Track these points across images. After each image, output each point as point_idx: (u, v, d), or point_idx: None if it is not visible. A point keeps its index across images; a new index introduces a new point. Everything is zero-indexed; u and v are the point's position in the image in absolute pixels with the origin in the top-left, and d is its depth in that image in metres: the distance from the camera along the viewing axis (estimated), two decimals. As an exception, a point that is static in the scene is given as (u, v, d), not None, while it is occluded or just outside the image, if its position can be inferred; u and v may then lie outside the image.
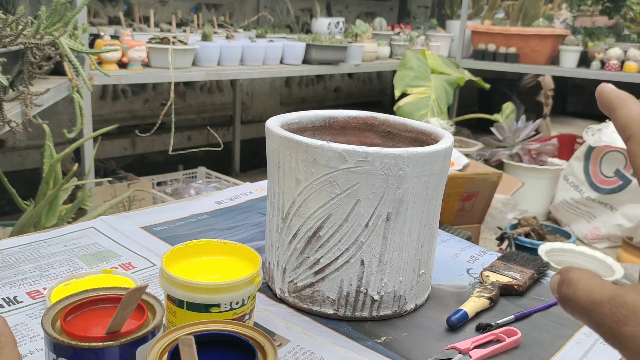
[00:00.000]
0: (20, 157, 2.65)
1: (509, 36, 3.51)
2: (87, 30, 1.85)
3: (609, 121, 2.72)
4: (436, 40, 3.70)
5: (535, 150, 2.98)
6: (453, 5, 4.11)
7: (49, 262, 0.67)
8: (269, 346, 0.40)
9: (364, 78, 4.47)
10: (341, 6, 4.12)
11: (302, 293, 0.61)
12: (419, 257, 0.61)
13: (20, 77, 1.29)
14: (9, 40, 1.15)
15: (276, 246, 0.63)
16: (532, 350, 0.57)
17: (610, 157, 2.68)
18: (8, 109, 1.17)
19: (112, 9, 2.92)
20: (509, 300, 0.67)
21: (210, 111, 3.50)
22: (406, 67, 3.10)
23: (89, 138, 1.77)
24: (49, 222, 1.50)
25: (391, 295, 0.60)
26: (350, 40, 3.01)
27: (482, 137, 3.53)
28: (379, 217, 0.57)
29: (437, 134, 0.65)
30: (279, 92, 3.87)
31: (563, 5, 3.77)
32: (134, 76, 2.11)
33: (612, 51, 3.26)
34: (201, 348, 0.37)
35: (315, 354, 0.53)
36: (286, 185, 0.60)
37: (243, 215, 0.86)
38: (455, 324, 0.59)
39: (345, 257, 0.58)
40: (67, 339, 0.39)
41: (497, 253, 0.78)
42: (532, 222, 2.32)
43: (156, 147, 3.14)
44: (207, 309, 0.48)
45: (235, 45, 2.46)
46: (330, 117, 0.72)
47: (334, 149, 0.55)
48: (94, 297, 0.45)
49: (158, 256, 0.70)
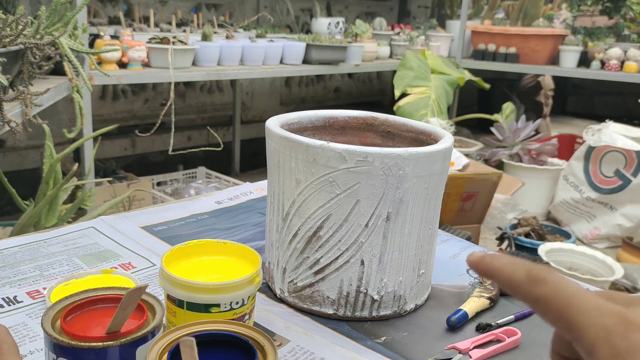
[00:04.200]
0: (20, 157, 2.65)
1: (509, 36, 3.51)
2: (87, 30, 1.85)
3: (609, 121, 2.72)
4: (436, 40, 3.70)
5: (535, 150, 2.98)
6: (453, 5, 4.11)
7: (49, 262, 0.67)
8: (269, 346, 0.40)
9: (364, 78, 4.47)
10: (341, 6, 4.12)
11: (302, 293, 0.61)
12: (419, 257, 0.61)
13: (20, 77, 1.29)
14: (9, 40, 1.15)
15: (276, 246, 0.63)
16: (532, 350, 0.57)
17: (610, 157, 2.68)
18: (8, 109, 1.17)
19: (112, 9, 2.92)
20: (509, 300, 0.67)
21: (210, 111, 3.50)
22: (406, 67, 3.10)
23: (89, 138, 1.77)
24: (49, 222, 1.50)
25: (391, 295, 0.60)
26: (350, 40, 3.01)
27: (482, 137, 3.53)
28: (379, 217, 0.57)
29: (437, 134, 0.65)
30: (279, 92, 3.87)
31: (563, 5, 3.77)
32: (134, 76, 2.11)
33: (612, 51, 3.26)
34: (201, 348, 0.37)
35: (315, 354, 0.53)
36: (286, 185, 0.60)
37: (243, 215, 0.86)
38: (455, 324, 0.59)
39: (345, 257, 0.58)
40: (67, 339, 0.39)
41: (497, 253, 0.78)
42: (532, 222, 2.32)
43: (156, 147, 3.14)
44: (207, 309, 0.48)
45: (235, 45, 2.46)
46: (330, 117, 0.72)
47: (334, 149, 0.55)
48: (94, 297, 0.45)
49: (158, 256, 0.70)
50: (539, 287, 0.26)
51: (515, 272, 0.27)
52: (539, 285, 0.26)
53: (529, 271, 0.27)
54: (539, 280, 0.26)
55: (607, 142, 2.60)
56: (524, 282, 0.27)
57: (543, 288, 0.26)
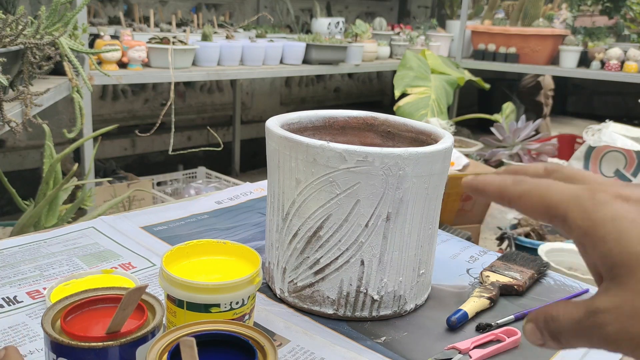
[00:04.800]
0: (20, 157, 2.65)
1: (509, 36, 3.51)
2: (87, 30, 1.85)
3: (609, 121, 2.72)
4: (436, 40, 3.70)
5: (535, 150, 2.98)
6: (453, 5, 4.11)
7: (49, 262, 0.67)
8: (269, 346, 0.40)
9: (364, 78, 4.47)
10: (341, 6, 4.12)
11: (302, 293, 0.61)
12: (419, 257, 0.61)
13: (20, 77, 1.29)
14: (9, 40, 1.15)
15: (276, 246, 0.63)
16: (532, 350, 0.57)
17: (610, 157, 2.68)
18: (8, 109, 1.17)
19: (112, 9, 2.92)
20: (509, 300, 0.67)
21: (210, 111, 3.50)
22: (406, 67, 3.10)
23: (89, 138, 1.77)
24: (49, 222, 1.50)
25: (391, 295, 0.60)
26: (350, 40, 3.01)
27: (482, 137, 3.53)
28: (379, 217, 0.57)
29: (437, 134, 0.65)
30: (279, 92, 3.87)
31: (563, 5, 3.77)
32: (134, 76, 2.11)
33: (612, 51, 3.26)
34: (201, 348, 0.37)
35: (315, 354, 0.53)
36: (286, 185, 0.60)
37: (243, 215, 0.86)
38: (455, 324, 0.59)
39: (345, 257, 0.58)
40: (67, 339, 0.39)
41: (497, 253, 0.78)
42: (532, 222, 2.32)
43: (156, 147, 3.14)
44: (207, 309, 0.48)
45: (235, 45, 2.46)
46: (330, 117, 0.72)
47: (334, 149, 0.55)
48: (94, 297, 0.45)
49: (158, 256, 0.70)
50: (522, 185, 0.31)
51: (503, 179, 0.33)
52: (522, 184, 0.31)
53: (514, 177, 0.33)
54: (522, 181, 0.32)
55: (607, 142, 2.60)
56: (509, 184, 0.32)
57: (525, 184, 0.31)
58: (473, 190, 0.34)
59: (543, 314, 0.31)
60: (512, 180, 0.32)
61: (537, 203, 0.30)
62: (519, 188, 0.31)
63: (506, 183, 0.32)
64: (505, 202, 0.32)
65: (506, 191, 0.32)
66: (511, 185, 0.32)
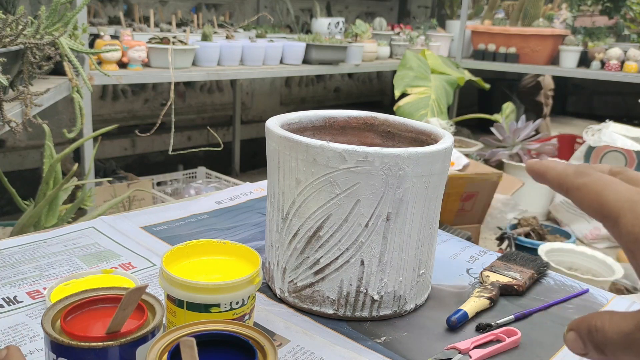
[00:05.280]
0: (20, 157, 2.65)
1: (509, 36, 3.51)
2: (87, 30, 1.85)
3: (609, 121, 2.72)
4: (436, 40, 3.70)
5: (535, 150, 2.98)
6: (453, 5, 4.11)
7: (49, 262, 0.67)
8: (269, 346, 0.40)
9: (364, 78, 4.47)
10: (341, 6, 4.12)
11: (302, 293, 0.61)
12: (419, 257, 0.61)
13: (20, 77, 1.29)
14: (9, 40, 1.15)
15: (276, 246, 0.63)
16: (532, 350, 0.57)
17: (610, 157, 2.68)
18: (8, 109, 1.17)
19: (112, 9, 2.92)
20: (508, 300, 0.67)
21: (210, 111, 3.50)
22: (406, 67, 3.11)
23: (89, 138, 1.77)
24: (48, 222, 1.50)
25: (391, 295, 0.60)
26: (350, 40, 3.01)
27: (482, 137, 3.53)
28: (379, 217, 0.57)
29: (437, 134, 0.65)
30: (279, 92, 3.87)
31: (563, 5, 3.77)
32: (134, 76, 2.11)
33: (612, 51, 3.26)
34: (201, 348, 0.37)
35: (315, 354, 0.53)
36: (286, 185, 0.60)
37: (243, 215, 0.86)
38: (455, 324, 0.59)
39: (345, 257, 0.58)
40: (67, 339, 0.39)
41: (497, 253, 0.78)
42: (532, 222, 2.32)
43: (156, 147, 3.15)
44: (207, 309, 0.48)
45: (235, 45, 2.46)
46: (330, 117, 0.72)
47: (334, 149, 0.55)
48: (94, 297, 0.45)
49: (158, 256, 0.70)
50: (583, 177, 0.31)
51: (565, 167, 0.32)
52: (583, 176, 0.31)
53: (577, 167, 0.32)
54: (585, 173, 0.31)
55: (607, 142, 2.60)
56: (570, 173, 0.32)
57: (586, 177, 0.31)
58: (534, 173, 0.34)
59: (586, 324, 0.30)
60: (575, 170, 0.32)
61: (592, 199, 0.30)
62: (579, 179, 0.31)
63: (567, 172, 0.32)
64: (563, 191, 0.32)
65: (566, 180, 0.32)
66: (572, 175, 0.31)
